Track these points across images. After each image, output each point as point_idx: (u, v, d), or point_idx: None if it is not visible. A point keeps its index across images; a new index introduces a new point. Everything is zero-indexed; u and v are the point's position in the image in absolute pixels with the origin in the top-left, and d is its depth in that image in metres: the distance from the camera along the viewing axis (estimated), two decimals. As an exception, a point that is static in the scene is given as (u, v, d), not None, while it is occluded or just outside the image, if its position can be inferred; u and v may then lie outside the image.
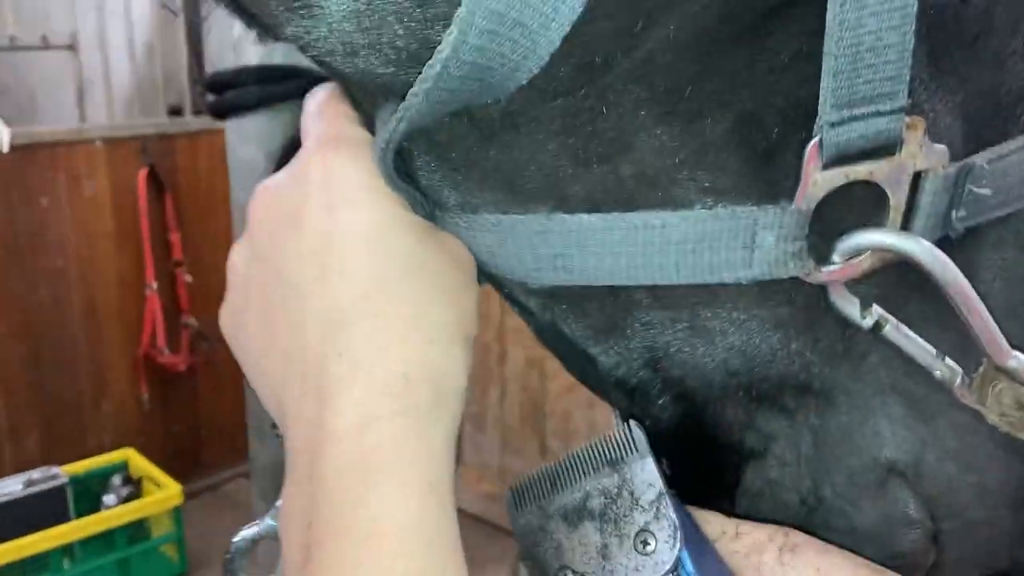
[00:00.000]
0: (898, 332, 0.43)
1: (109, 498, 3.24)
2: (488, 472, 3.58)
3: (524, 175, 0.46)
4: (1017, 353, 0.42)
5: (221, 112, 0.77)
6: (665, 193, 0.43)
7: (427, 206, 0.50)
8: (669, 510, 0.46)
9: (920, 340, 0.43)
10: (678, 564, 0.46)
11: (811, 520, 0.47)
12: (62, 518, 3.01)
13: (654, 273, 0.44)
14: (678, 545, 0.45)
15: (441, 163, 0.48)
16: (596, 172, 0.44)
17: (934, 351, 0.43)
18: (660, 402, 0.49)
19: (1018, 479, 0.47)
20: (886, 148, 0.40)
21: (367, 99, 0.51)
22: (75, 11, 3.44)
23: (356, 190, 0.48)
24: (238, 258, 0.53)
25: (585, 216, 0.45)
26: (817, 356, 0.45)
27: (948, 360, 0.43)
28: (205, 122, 3.65)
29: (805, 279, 0.42)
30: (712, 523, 0.49)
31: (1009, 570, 0.51)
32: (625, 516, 0.48)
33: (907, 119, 0.40)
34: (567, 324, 0.51)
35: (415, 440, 0.43)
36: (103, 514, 3.12)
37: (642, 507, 0.47)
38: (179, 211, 3.63)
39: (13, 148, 3.18)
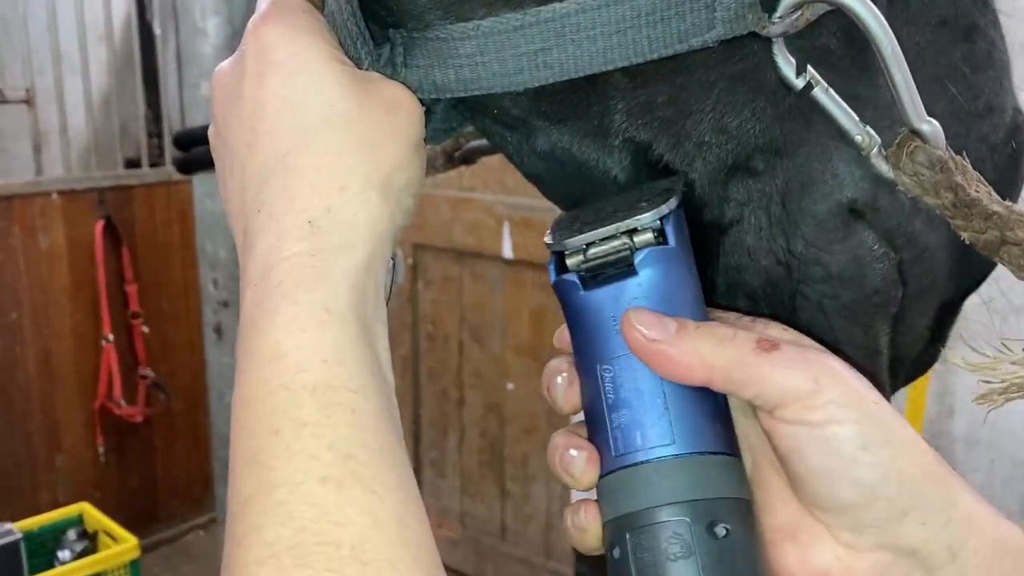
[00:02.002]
0: (826, 95, 0.47)
1: (64, 553, 3.18)
2: (448, 518, 3.58)
3: None
4: (930, 118, 0.46)
5: (188, 168, 0.81)
6: None
7: (375, 53, 0.53)
8: (672, 200, 0.48)
9: (844, 104, 0.47)
10: (662, 223, 0.48)
11: (789, 280, 0.50)
12: (16, 575, 2.96)
13: (629, 52, 0.47)
14: (667, 209, 0.48)
15: None
16: None
17: (856, 117, 0.47)
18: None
19: None
20: None
21: None
22: (32, 65, 3.46)
23: (284, 55, 0.51)
24: (211, 137, 0.57)
25: (559, 3, 0.47)
26: (776, 113, 0.49)
27: (868, 128, 0.47)
28: (162, 174, 3.67)
29: (761, 32, 0.46)
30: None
31: (954, 301, 0.55)
32: (634, 202, 0.50)
33: None
34: (554, 134, 0.52)
35: (315, 275, 0.46)
36: (58, 570, 3.06)
37: (651, 196, 0.50)
38: (136, 262, 3.63)
39: (-32, 201, 3.18)
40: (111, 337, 3.55)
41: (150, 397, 3.67)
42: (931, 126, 0.46)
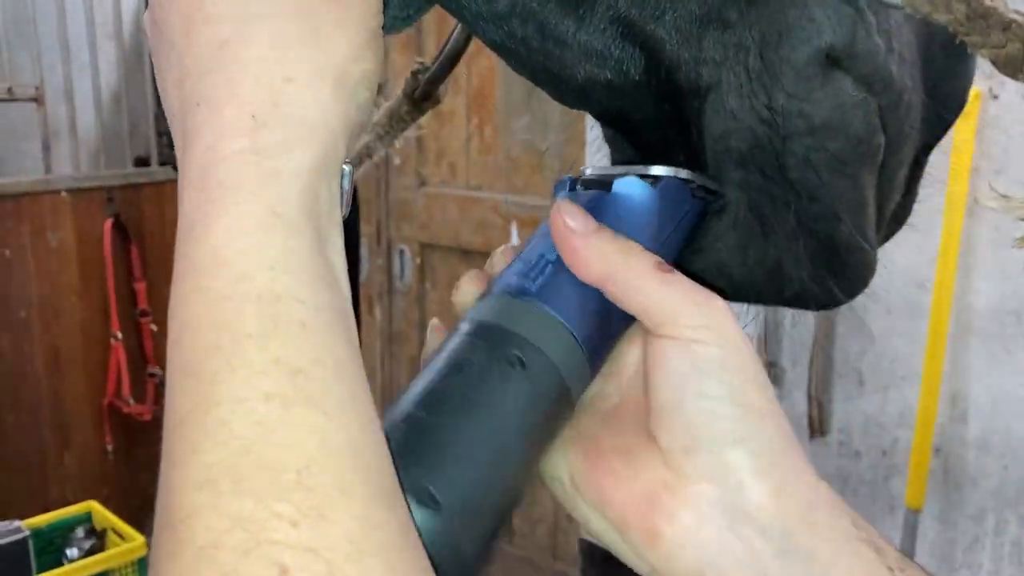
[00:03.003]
0: None
1: (72, 551, 3.18)
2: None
3: None
4: None
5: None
6: None
7: None
8: (684, 172, 0.50)
9: None
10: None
11: (775, 138, 0.48)
12: (24, 572, 2.96)
13: None
14: (671, 172, 0.50)
15: None
16: None
17: None
18: (630, 65, 0.50)
19: (919, 44, 0.51)
20: None
21: None
22: (41, 63, 3.46)
23: None
24: (147, 26, 0.53)
25: None
26: None
27: None
28: (171, 172, 3.67)
29: None
30: None
31: (920, 154, 0.55)
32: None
33: None
34: (539, 4, 0.50)
35: (258, 175, 0.42)
36: (66, 568, 3.06)
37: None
38: (145, 261, 3.64)
39: (-23, 199, 3.19)
40: (120, 335, 3.55)
41: (159, 395, 3.67)
42: None
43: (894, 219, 0.58)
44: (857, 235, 0.50)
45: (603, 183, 0.52)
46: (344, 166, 0.47)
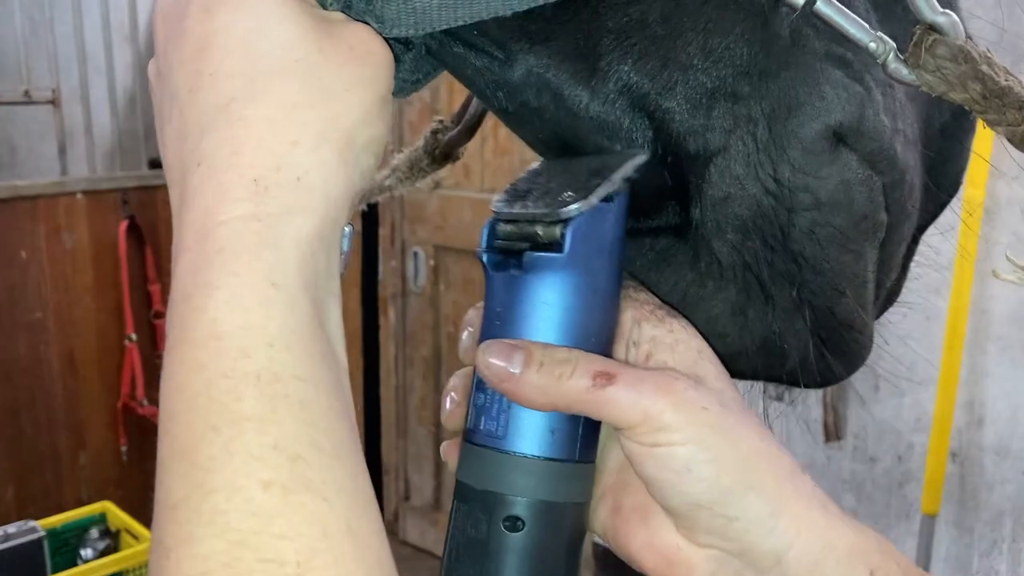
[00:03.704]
0: (830, 7, 0.45)
1: (86, 552, 3.20)
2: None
3: None
4: (945, 9, 0.44)
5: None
6: None
7: None
8: (592, 198, 0.48)
9: (851, 13, 0.45)
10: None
11: (777, 209, 0.49)
12: (39, 572, 2.98)
13: None
14: (575, 211, 0.48)
15: None
16: None
17: (866, 24, 0.45)
18: (638, 137, 0.50)
19: (919, 125, 0.52)
20: None
21: None
22: (57, 66, 3.48)
23: None
24: (151, 76, 0.51)
25: None
26: (764, 36, 0.47)
27: (880, 33, 0.45)
28: (186, 174, 3.69)
29: None
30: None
31: (917, 232, 0.56)
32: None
33: None
34: (533, 57, 0.49)
35: (259, 243, 0.41)
36: (80, 568, 3.08)
37: (591, 178, 0.50)
38: (159, 262, 3.65)
39: (-6, 201, 3.21)
40: (134, 336, 3.57)
41: (172, 397, 3.69)
42: (947, 17, 0.44)
43: (889, 296, 0.58)
44: (860, 310, 0.51)
45: (516, 252, 0.50)
46: (345, 227, 0.46)
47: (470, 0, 0.46)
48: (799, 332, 0.51)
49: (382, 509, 1.45)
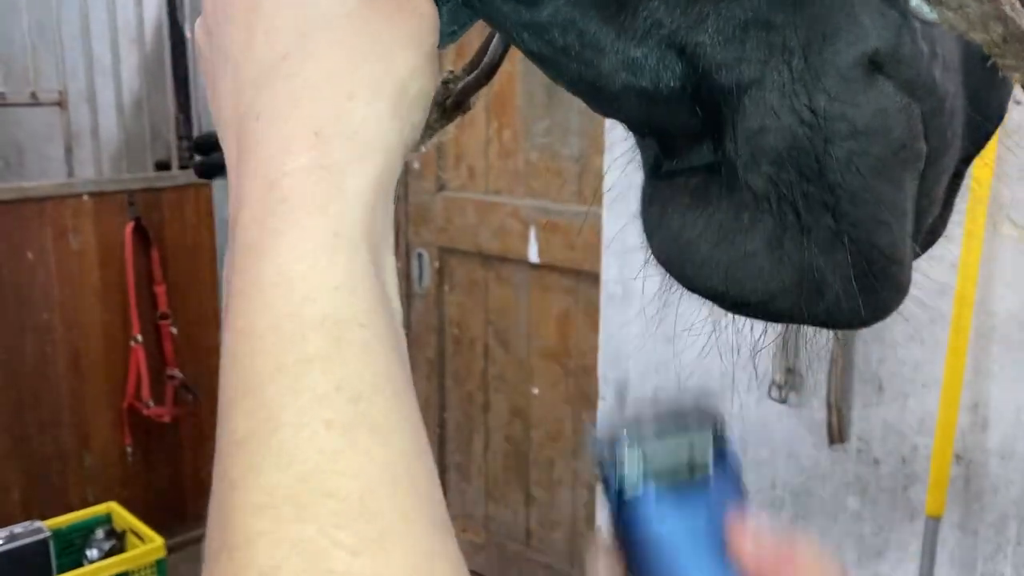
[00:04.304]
0: None
1: (92, 552, 3.21)
2: (473, 522, 3.57)
3: None
4: None
5: (208, 172, 0.81)
6: None
7: None
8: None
9: None
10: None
11: (813, 139, 0.48)
12: (44, 572, 2.99)
13: None
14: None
15: None
16: None
17: None
18: (668, 74, 0.49)
19: (961, 51, 0.50)
20: None
21: None
22: (64, 68, 3.50)
23: None
24: (198, 36, 0.53)
25: None
26: None
27: None
28: (192, 176, 3.69)
29: None
30: None
31: (960, 167, 0.54)
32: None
33: None
34: (574, 8, 0.49)
35: (321, 193, 0.42)
36: (86, 568, 3.09)
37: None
38: (165, 264, 3.66)
39: (1, 203, 3.22)
40: (140, 338, 3.58)
41: (178, 398, 3.70)
42: None
43: (931, 232, 0.57)
44: (899, 242, 0.49)
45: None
46: None
47: None
48: (838, 265, 0.50)
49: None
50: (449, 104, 0.80)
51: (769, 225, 0.50)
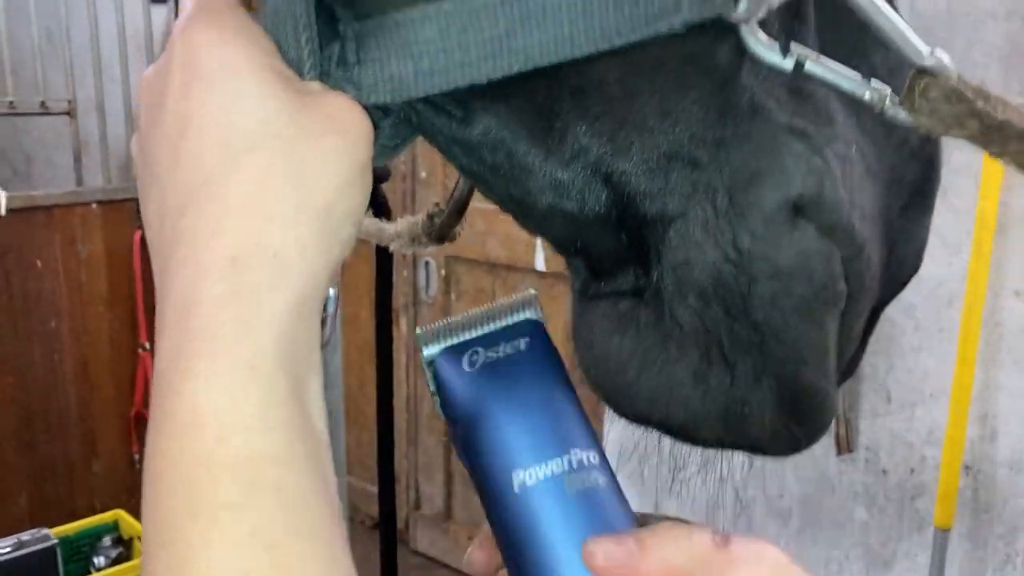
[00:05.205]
0: (821, 65, 0.45)
1: (99, 559, 3.21)
2: (479, 530, 3.56)
3: None
4: (936, 49, 0.44)
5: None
6: None
7: (323, 52, 0.48)
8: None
9: (843, 68, 0.45)
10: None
11: (737, 277, 0.48)
12: (51, 580, 2.99)
13: (596, 37, 0.44)
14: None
15: None
16: None
17: (859, 76, 0.46)
18: (592, 198, 0.50)
19: (878, 204, 0.52)
20: None
21: None
22: (73, 77, 3.51)
23: (211, 65, 0.46)
24: (134, 152, 0.52)
25: None
26: (726, 108, 0.47)
27: (874, 81, 0.46)
28: (200, 184, 3.71)
29: (729, 17, 0.44)
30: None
31: (877, 308, 0.56)
32: None
33: None
34: (491, 117, 0.49)
35: (235, 323, 0.41)
36: (93, 576, 3.10)
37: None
38: (173, 272, 3.67)
39: (10, 211, 3.23)
40: (148, 345, 3.58)
41: (185, 405, 3.70)
42: (936, 60, 0.44)
43: (846, 370, 0.58)
44: (822, 379, 0.51)
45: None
46: (330, 290, 0.46)
47: (446, 69, 0.46)
48: (762, 400, 0.51)
49: (393, 518, 1.45)
50: (435, 237, 0.83)
51: (695, 358, 0.51)
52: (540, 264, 3.16)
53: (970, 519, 2.25)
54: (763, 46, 0.45)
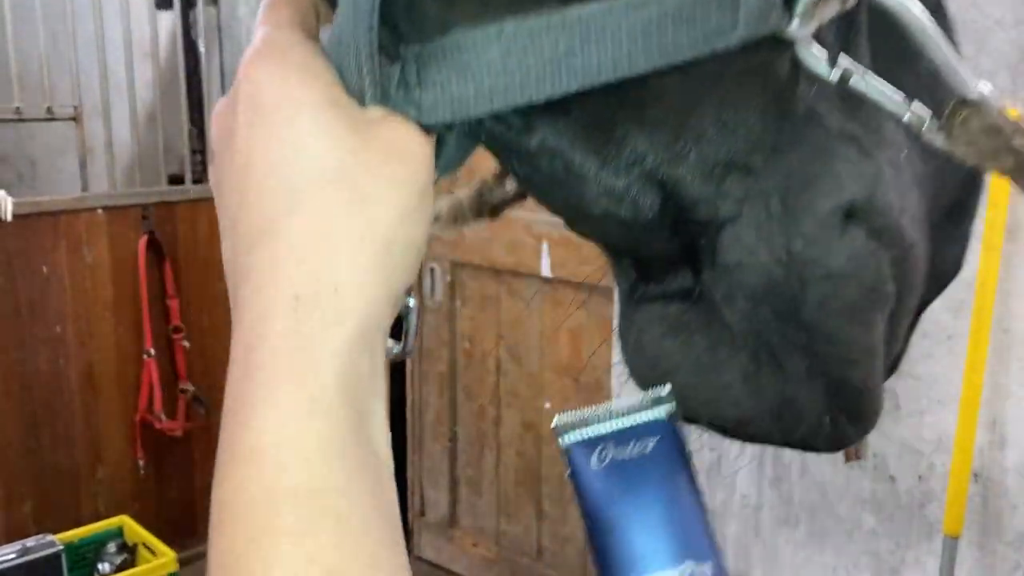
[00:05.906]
0: (865, 81, 0.47)
1: (104, 566, 3.21)
2: (484, 537, 3.56)
3: None
4: (982, 82, 0.46)
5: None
6: None
7: (385, 76, 0.48)
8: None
9: (887, 86, 0.47)
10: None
11: (788, 280, 0.50)
12: (56, 586, 2.98)
13: (654, 55, 0.45)
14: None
15: None
16: None
17: (902, 96, 0.47)
18: (646, 204, 0.51)
19: (925, 206, 0.53)
20: None
21: None
22: (79, 83, 3.52)
23: (273, 102, 0.47)
24: (212, 183, 0.53)
25: (586, 5, 0.45)
26: (779, 111, 0.49)
27: (916, 103, 0.47)
28: (205, 190, 3.70)
29: (782, 34, 0.45)
30: None
31: (921, 308, 0.58)
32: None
33: None
34: (552, 128, 0.50)
35: (297, 359, 0.42)
36: (97, 582, 3.09)
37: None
38: (178, 278, 3.67)
39: (15, 216, 3.23)
40: (152, 351, 3.58)
41: (190, 411, 3.70)
42: (980, 93, 0.46)
43: (891, 367, 0.59)
44: (871, 379, 0.52)
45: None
46: (409, 301, 0.48)
47: (507, 89, 0.46)
48: (812, 399, 0.52)
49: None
50: (486, 211, 0.83)
51: (745, 361, 0.52)
52: (546, 270, 3.16)
53: (979, 526, 2.24)
54: (815, 58, 0.46)
